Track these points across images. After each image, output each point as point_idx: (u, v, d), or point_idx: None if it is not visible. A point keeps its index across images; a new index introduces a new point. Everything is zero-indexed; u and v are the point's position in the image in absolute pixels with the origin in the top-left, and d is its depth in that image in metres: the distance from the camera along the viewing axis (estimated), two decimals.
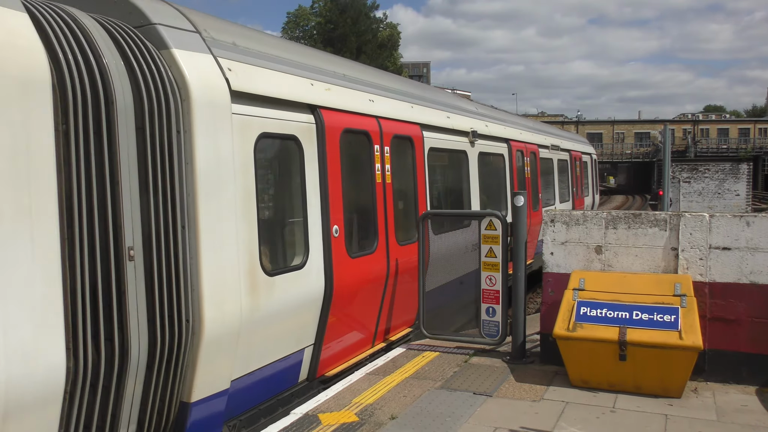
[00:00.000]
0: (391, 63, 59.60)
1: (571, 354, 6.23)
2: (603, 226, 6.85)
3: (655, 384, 5.96)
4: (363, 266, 7.36)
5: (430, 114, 9.65)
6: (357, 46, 57.58)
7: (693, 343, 5.77)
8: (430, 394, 6.10)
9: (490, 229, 7.47)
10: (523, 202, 7.21)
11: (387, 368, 6.93)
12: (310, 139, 6.52)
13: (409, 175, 8.90)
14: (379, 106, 8.01)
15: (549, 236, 7.04)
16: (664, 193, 20.86)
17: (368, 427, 5.37)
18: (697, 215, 6.55)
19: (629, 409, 5.70)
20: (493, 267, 7.49)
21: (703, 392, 6.09)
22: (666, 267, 6.63)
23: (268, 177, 6.65)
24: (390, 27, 64.50)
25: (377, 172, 7.81)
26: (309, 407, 5.86)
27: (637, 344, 5.92)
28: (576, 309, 6.28)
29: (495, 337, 7.49)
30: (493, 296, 7.49)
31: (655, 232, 6.68)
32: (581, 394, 6.05)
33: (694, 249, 6.50)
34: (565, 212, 7.09)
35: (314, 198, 6.56)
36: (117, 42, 4.61)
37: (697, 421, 5.40)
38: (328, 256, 6.63)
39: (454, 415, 5.59)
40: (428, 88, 12.49)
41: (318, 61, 7.38)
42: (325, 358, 6.87)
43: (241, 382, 5.61)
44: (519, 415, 5.55)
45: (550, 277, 7.01)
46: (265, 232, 6.11)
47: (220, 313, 5.13)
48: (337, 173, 6.91)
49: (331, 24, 59.61)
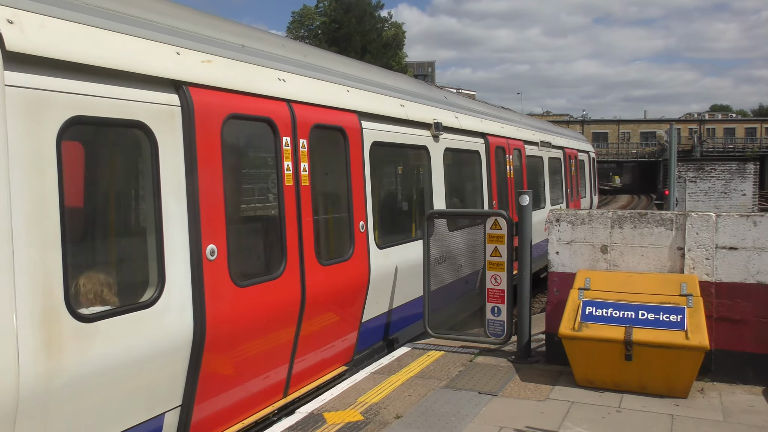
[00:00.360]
0: (395, 62, 59.62)
1: (576, 354, 6.21)
2: (608, 226, 6.83)
3: (661, 384, 5.94)
4: (260, 297, 5.61)
5: (375, 100, 7.80)
6: (362, 45, 57.66)
7: (699, 343, 5.74)
8: (435, 394, 6.10)
9: (495, 228, 7.46)
10: (528, 201, 7.20)
11: (392, 367, 6.92)
12: (169, 127, 4.80)
13: (339, 176, 7.12)
14: (292, 87, 6.22)
15: (554, 235, 7.02)
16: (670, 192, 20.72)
17: (373, 426, 5.37)
18: (703, 215, 6.52)
19: (635, 409, 5.68)
20: (498, 266, 7.48)
21: (710, 392, 6.07)
22: (672, 267, 6.60)
23: (94, 177, 5.14)
24: (395, 26, 64.58)
25: (287, 172, 6.02)
26: (314, 406, 5.86)
27: (643, 344, 5.90)
28: (581, 308, 6.26)
29: (500, 337, 7.49)
30: (498, 296, 7.48)
31: (661, 232, 6.66)
32: (587, 394, 6.04)
33: (701, 249, 6.47)
34: (571, 212, 7.07)
35: (175, 207, 4.82)
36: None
37: (704, 422, 5.38)
38: (198, 285, 4.90)
39: (459, 414, 5.59)
40: (376, 70, 9.38)
41: (194, 23, 5.46)
42: (200, 420, 5.12)
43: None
44: (524, 415, 5.54)
45: (556, 276, 6.99)
46: (81, 256, 4.63)
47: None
48: (217, 174, 5.16)
49: (335, 23, 59.69)
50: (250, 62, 5.78)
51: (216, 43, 5.48)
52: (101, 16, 4.37)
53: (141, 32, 4.65)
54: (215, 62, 5.31)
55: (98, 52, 4.24)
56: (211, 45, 5.38)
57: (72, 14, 4.17)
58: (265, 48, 6.26)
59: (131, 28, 4.58)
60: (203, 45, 5.28)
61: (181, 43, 5.02)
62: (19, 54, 3.74)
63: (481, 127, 11.49)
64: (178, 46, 4.97)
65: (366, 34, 59.12)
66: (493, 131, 12.11)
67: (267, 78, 5.94)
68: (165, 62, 4.77)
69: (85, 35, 4.20)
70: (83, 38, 4.18)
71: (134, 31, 4.59)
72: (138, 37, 4.60)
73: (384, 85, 8.39)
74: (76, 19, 4.19)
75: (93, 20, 4.30)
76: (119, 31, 4.47)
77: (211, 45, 5.39)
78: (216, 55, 5.36)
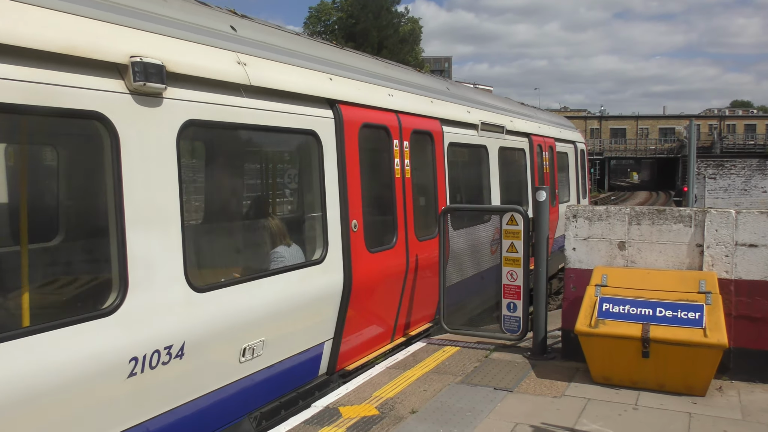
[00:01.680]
0: (412, 57, 59.47)
1: (593, 350, 6.18)
2: (626, 222, 6.78)
3: (678, 382, 5.89)
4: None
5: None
6: (378, 40, 57.51)
7: (718, 341, 5.69)
8: (451, 389, 6.10)
9: (511, 224, 7.43)
10: (545, 197, 7.16)
11: (407, 362, 6.93)
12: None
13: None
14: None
15: (571, 232, 6.98)
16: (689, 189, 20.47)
17: (388, 420, 5.38)
18: (723, 211, 6.45)
19: (652, 406, 5.65)
20: (514, 262, 7.45)
21: (728, 391, 6.01)
22: (691, 264, 6.54)
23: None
24: (411, 21, 64.33)
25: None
26: (329, 400, 5.88)
27: (661, 341, 5.85)
28: (598, 305, 6.23)
29: (516, 333, 7.46)
30: (515, 292, 7.46)
31: (679, 229, 6.59)
32: (603, 391, 6.00)
33: (720, 246, 6.41)
34: (588, 207, 7.03)
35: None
36: None
37: (722, 420, 5.33)
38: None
39: (474, 410, 5.58)
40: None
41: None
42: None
43: None
44: (540, 411, 5.53)
45: (572, 272, 6.95)
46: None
47: None
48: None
49: (352, 19, 59.59)
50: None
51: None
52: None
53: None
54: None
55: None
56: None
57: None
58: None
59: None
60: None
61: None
62: None
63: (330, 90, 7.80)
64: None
65: (383, 29, 58.96)
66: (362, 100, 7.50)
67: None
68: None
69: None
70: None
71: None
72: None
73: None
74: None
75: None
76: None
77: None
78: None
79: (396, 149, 7.79)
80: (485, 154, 10.96)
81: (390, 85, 7.97)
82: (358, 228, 6.83)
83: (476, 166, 11.23)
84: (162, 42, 4.65)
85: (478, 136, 10.55)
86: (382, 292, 7.45)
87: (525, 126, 13.04)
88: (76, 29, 4.05)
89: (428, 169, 8.86)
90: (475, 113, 10.52)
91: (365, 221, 6.98)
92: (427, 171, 8.85)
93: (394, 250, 7.65)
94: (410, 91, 8.49)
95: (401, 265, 7.79)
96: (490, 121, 11.05)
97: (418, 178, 8.49)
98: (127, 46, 4.34)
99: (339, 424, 5.33)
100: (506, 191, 11.70)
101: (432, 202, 8.99)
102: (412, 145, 8.14)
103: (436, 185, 8.94)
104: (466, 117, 10.07)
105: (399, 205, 7.82)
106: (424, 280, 8.34)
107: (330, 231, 6.49)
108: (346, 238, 6.65)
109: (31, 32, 3.75)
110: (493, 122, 11.20)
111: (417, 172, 8.45)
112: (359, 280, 6.81)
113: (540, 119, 15.19)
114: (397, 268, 7.71)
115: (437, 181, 8.96)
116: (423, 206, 8.87)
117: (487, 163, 11.00)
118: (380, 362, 7.08)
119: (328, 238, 6.47)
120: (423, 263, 8.25)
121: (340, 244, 6.61)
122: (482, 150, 10.91)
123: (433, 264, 8.29)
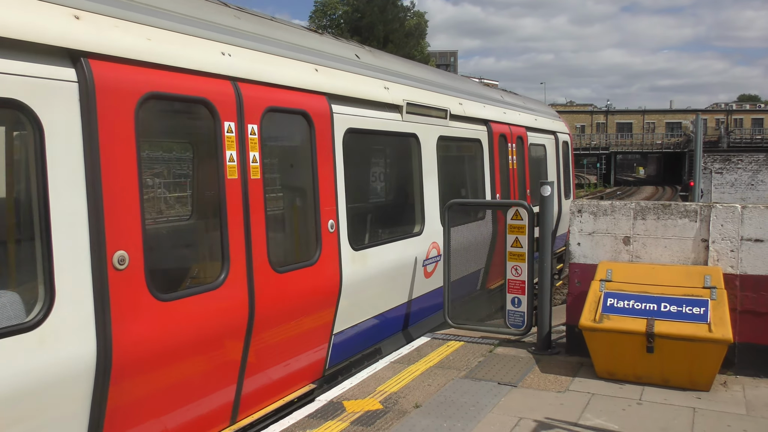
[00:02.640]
0: (417, 52, 59.32)
1: (597, 345, 6.17)
2: (631, 217, 6.76)
3: (683, 377, 5.88)
4: None
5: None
6: (384, 34, 57.42)
7: (723, 336, 5.68)
8: (455, 384, 6.11)
9: (516, 219, 7.42)
10: (550, 192, 7.15)
11: (411, 357, 6.94)
12: None
13: None
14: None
15: (576, 227, 6.97)
16: (695, 184, 20.39)
17: (392, 414, 5.40)
18: (728, 206, 6.43)
19: (656, 401, 5.64)
20: (518, 257, 7.44)
21: (733, 386, 6.00)
22: (696, 259, 6.52)
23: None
24: (417, 15, 64.12)
25: None
26: (334, 394, 5.90)
27: (665, 336, 5.84)
28: (603, 300, 6.22)
29: (520, 328, 7.46)
30: (519, 286, 7.45)
31: (685, 223, 6.58)
32: (607, 386, 6.00)
33: (725, 241, 6.39)
34: (593, 202, 7.01)
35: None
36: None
37: (726, 415, 5.33)
38: None
39: (478, 404, 5.59)
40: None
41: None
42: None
43: None
44: (544, 406, 5.53)
45: (577, 267, 6.94)
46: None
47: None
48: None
49: (358, 13, 59.49)
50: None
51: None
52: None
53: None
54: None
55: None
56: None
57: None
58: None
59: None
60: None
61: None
62: None
63: None
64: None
65: (388, 23, 58.83)
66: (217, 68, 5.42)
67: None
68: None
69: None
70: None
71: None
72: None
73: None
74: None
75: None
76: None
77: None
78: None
79: (229, 136, 5.22)
80: (415, 145, 8.28)
81: (224, 39, 5.32)
82: (127, 264, 4.25)
83: (400, 161, 8.91)
84: None
85: (403, 121, 7.90)
86: (190, 364, 4.83)
87: (482, 111, 10.31)
88: None
89: (303, 167, 6.30)
90: (397, 90, 7.84)
91: (149, 251, 4.45)
92: (302, 169, 6.34)
93: (220, 292, 5.03)
94: (271, 51, 5.86)
95: (236, 312, 5.19)
96: (423, 102, 8.43)
97: (282, 180, 6.63)
98: None
99: (343, 418, 5.35)
100: (452, 195, 9.10)
101: (311, 213, 6.23)
102: (268, 131, 5.69)
103: (317, 190, 6.19)
104: (381, 94, 7.43)
105: (233, 221, 5.17)
106: (294, 330, 5.93)
107: (63, 272, 3.91)
108: (100, 282, 4.10)
109: None
110: (429, 103, 8.57)
111: (279, 170, 6.64)
112: (129, 352, 4.27)
113: (507, 104, 12.23)
114: (227, 318, 5.11)
115: (321, 183, 6.24)
116: (290, 220, 6.67)
117: (419, 158, 8.32)
118: (383, 357, 7.09)
119: (56, 284, 3.88)
120: (288, 305, 5.75)
121: (86, 292, 4.05)
122: (410, 140, 8.25)
123: (309, 305, 5.98)
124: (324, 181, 6.33)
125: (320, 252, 6.14)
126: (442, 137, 8.87)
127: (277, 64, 5.87)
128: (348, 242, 6.60)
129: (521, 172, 11.90)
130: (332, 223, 6.35)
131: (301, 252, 6.43)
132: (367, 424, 5.22)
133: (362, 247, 6.98)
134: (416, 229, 8.30)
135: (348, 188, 6.73)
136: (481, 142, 10.20)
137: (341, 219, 6.51)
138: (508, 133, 11.28)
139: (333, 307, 6.37)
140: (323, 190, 6.29)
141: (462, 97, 9.81)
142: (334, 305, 6.38)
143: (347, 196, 6.68)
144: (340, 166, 6.57)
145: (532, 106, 14.39)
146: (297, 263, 6.01)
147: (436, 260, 8.51)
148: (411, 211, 8.47)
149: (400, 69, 8.51)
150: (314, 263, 6.08)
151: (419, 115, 8.28)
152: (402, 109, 7.88)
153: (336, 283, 6.36)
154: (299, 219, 6.58)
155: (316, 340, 6.25)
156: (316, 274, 6.09)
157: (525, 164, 12.12)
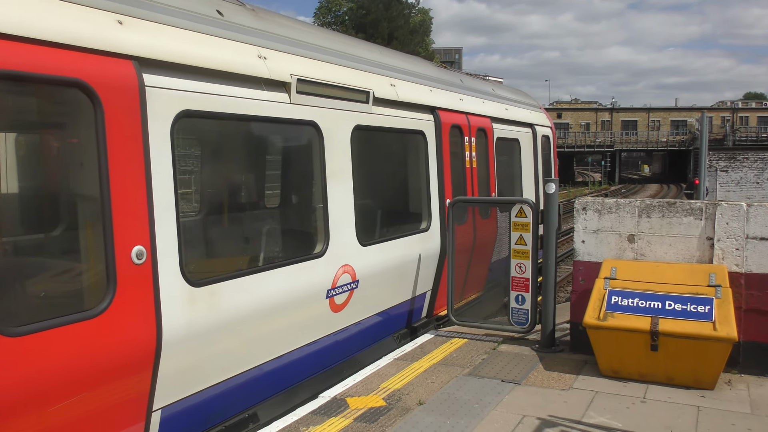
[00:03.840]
0: (422, 49, 59.26)
1: (601, 343, 6.16)
2: (636, 215, 6.74)
3: (687, 375, 5.87)
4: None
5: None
6: (389, 31, 57.34)
7: (727, 335, 5.66)
8: (458, 381, 6.10)
9: (520, 216, 7.41)
10: (554, 189, 7.13)
11: (415, 354, 6.94)
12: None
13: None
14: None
15: (580, 224, 6.95)
16: (701, 182, 20.30)
17: (395, 411, 5.39)
18: (734, 204, 6.40)
19: (660, 399, 5.63)
20: (523, 254, 7.43)
21: (737, 384, 5.98)
22: (701, 257, 6.50)
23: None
24: (422, 12, 64.11)
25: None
26: (337, 391, 5.90)
27: (670, 334, 5.83)
28: (607, 298, 6.21)
29: (524, 325, 7.46)
30: (523, 284, 7.44)
31: (690, 221, 6.55)
32: (611, 384, 5.99)
33: (731, 239, 6.36)
34: (598, 200, 6.99)
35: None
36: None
37: (731, 414, 5.31)
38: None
39: (481, 402, 5.59)
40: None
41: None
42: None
43: None
44: (547, 404, 5.52)
45: (581, 265, 6.93)
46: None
47: None
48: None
49: (363, 9, 59.42)
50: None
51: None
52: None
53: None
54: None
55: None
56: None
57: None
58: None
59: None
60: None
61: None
62: None
63: None
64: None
65: (393, 20, 58.75)
66: None
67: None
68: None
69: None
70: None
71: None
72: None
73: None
74: None
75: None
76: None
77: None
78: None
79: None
80: (315, 137, 6.24)
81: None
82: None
83: (287, 159, 7.23)
84: None
85: (292, 104, 5.84)
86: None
87: (426, 96, 8.36)
88: None
89: (86, 168, 4.25)
90: (281, 60, 5.78)
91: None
92: (83, 171, 4.33)
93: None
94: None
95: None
96: (327, 80, 6.34)
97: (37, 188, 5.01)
98: None
99: (346, 414, 5.35)
100: (376, 202, 7.85)
101: (94, 237, 4.25)
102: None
103: (108, 201, 4.09)
104: (251, 65, 5.40)
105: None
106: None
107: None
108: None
109: None
110: (336, 82, 6.48)
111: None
112: None
113: (467, 89, 10.03)
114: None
115: (116, 191, 4.15)
116: (52, 250, 4.94)
117: (320, 155, 6.27)
118: (386, 355, 7.09)
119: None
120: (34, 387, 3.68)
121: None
122: (306, 130, 6.22)
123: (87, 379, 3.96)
124: (124, 188, 4.19)
125: (113, 295, 4.07)
126: (360, 127, 6.82)
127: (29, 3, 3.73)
128: (181, 275, 4.60)
129: (484, 173, 9.91)
130: (141, 251, 4.26)
131: (70, 298, 4.43)
132: (370, 420, 5.22)
133: (208, 281, 4.89)
134: (317, 249, 6.20)
135: (190, 197, 5.36)
136: (424, 134, 8.21)
137: (163, 243, 4.47)
138: (465, 125, 9.24)
139: (147, 372, 4.39)
140: (123, 202, 4.17)
141: (395, 77, 7.78)
142: (149, 370, 4.40)
143: (185, 208, 5.08)
144: (164, 164, 4.53)
145: (504, 93, 11.95)
146: (58, 317, 3.81)
147: (350, 288, 6.55)
148: (307, 225, 6.71)
149: (293, 35, 6.24)
150: (99, 313, 3.99)
151: (321, 97, 6.20)
152: (290, 87, 5.79)
153: (149, 339, 4.33)
154: (70, 247, 4.62)
155: (115, 425, 4.24)
156: (103, 331, 4.01)
157: (489, 163, 10.11)
